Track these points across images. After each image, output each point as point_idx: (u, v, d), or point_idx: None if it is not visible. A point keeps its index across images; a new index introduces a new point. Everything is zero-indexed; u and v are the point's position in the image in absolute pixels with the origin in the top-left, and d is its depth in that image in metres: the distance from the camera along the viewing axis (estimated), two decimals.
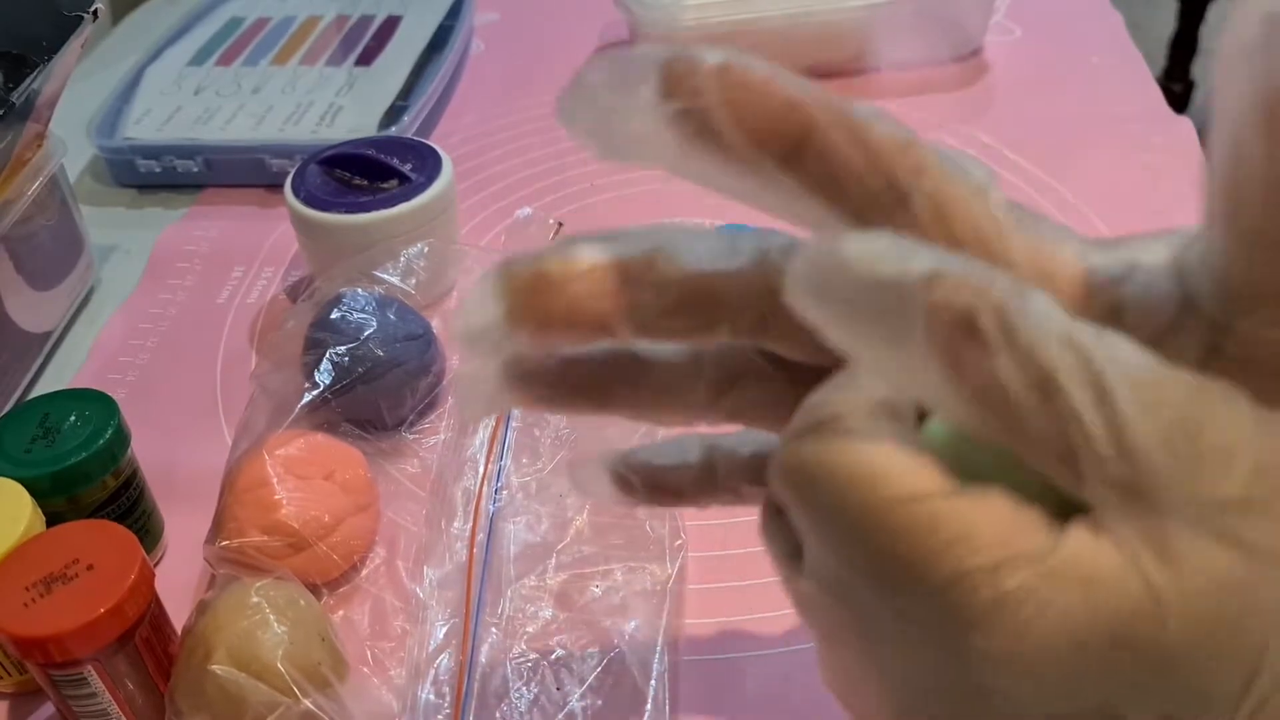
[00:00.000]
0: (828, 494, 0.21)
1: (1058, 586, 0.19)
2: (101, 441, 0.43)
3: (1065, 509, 0.20)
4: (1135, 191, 0.64)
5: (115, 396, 0.45)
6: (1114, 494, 0.19)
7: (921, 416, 0.23)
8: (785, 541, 0.24)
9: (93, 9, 0.54)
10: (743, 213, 0.52)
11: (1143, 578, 0.19)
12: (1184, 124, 0.69)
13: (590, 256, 0.26)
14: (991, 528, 0.20)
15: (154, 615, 0.39)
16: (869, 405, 0.22)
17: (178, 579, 0.45)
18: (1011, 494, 0.20)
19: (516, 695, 0.40)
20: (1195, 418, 0.19)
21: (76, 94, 0.61)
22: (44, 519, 0.42)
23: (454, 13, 0.82)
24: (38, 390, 0.57)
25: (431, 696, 0.40)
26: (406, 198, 0.56)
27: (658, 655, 0.41)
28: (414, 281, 0.55)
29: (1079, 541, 0.20)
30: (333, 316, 0.50)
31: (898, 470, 0.21)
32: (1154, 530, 0.19)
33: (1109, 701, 0.20)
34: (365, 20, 0.83)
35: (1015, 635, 0.20)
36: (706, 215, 0.65)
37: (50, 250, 0.59)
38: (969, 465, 0.21)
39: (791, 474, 0.22)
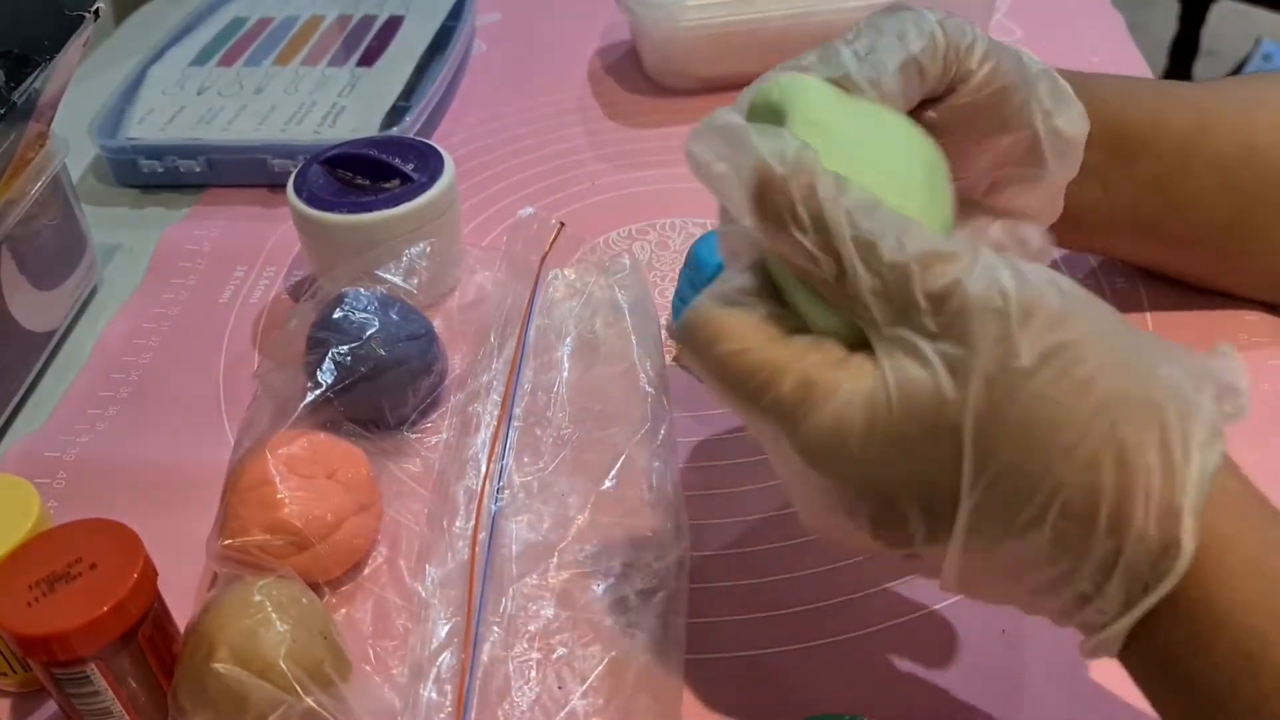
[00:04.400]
0: (694, 350, 0.33)
1: (848, 389, 0.30)
2: None
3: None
4: None
5: (118, 396, 0.44)
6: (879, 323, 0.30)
7: None
8: None
9: (94, 8, 0.54)
10: None
11: (882, 378, 0.30)
12: None
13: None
14: (792, 363, 0.31)
15: (157, 614, 0.39)
16: (737, 282, 0.33)
17: (181, 578, 0.45)
18: (813, 337, 0.32)
19: (518, 694, 0.41)
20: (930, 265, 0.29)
21: (79, 94, 0.61)
22: (51, 517, 0.42)
23: (456, 13, 0.82)
24: (40, 389, 0.57)
25: (433, 695, 0.41)
26: (409, 198, 0.56)
27: (659, 654, 0.41)
28: (416, 281, 0.55)
29: (860, 360, 0.31)
30: (335, 316, 0.50)
31: (733, 331, 0.32)
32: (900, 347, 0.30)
33: (915, 473, 0.30)
34: (367, 21, 0.83)
35: (819, 432, 0.30)
36: (708, 215, 0.65)
37: (53, 250, 0.59)
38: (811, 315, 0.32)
39: (677, 334, 0.33)
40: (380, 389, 0.49)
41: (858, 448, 0.30)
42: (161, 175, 0.71)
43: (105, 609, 0.36)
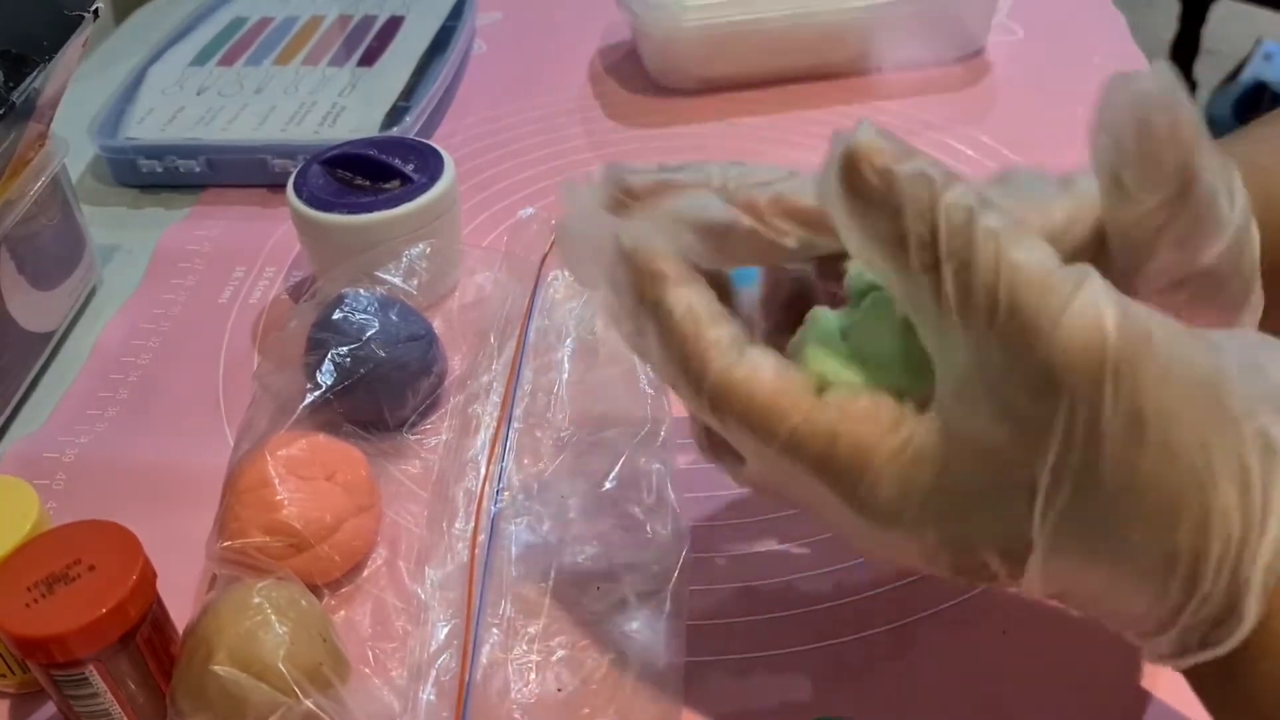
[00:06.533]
0: (738, 431, 0.31)
1: (914, 448, 0.29)
2: None
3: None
4: None
5: (117, 397, 0.44)
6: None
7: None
8: (726, 453, 0.33)
9: (93, 8, 0.54)
10: None
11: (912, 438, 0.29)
12: None
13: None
14: (842, 427, 0.29)
15: (156, 616, 0.39)
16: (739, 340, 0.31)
17: (180, 579, 0.45)
18: (848, 389, 0.30)
19: (518, 696, 0.40)
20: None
21: (78, 94, 0.61)
22: (50, 518, 0.42)
23: (456, 13, 0.82)
24: (39, 390, 0.57)
25: (433, 697, 0.40)
26: (408, 198, 0.56)
27: (659, 656, 0.41)
28: (416, 282, 0.55)
29: (915, 414, 0.29)
30: (335, 317, 0.50)
31: (772, 399, 0.30)
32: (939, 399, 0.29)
33: (988, 524, 0.29)
34: (368, 21, 0.83)
35: (877, 506, 0.29)
36: None
37: (52, 250, 0.59)
38: (862, 341, 0.31)
39: (713, 412, 0.31)
40: (380, 390, 0.49)
41: (929, 508, 0.29)
42: (161, 175, 0.70)
43: (104, 610, 0.36)
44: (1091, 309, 0.26)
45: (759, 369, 0.30)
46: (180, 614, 0.42)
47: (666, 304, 0.31)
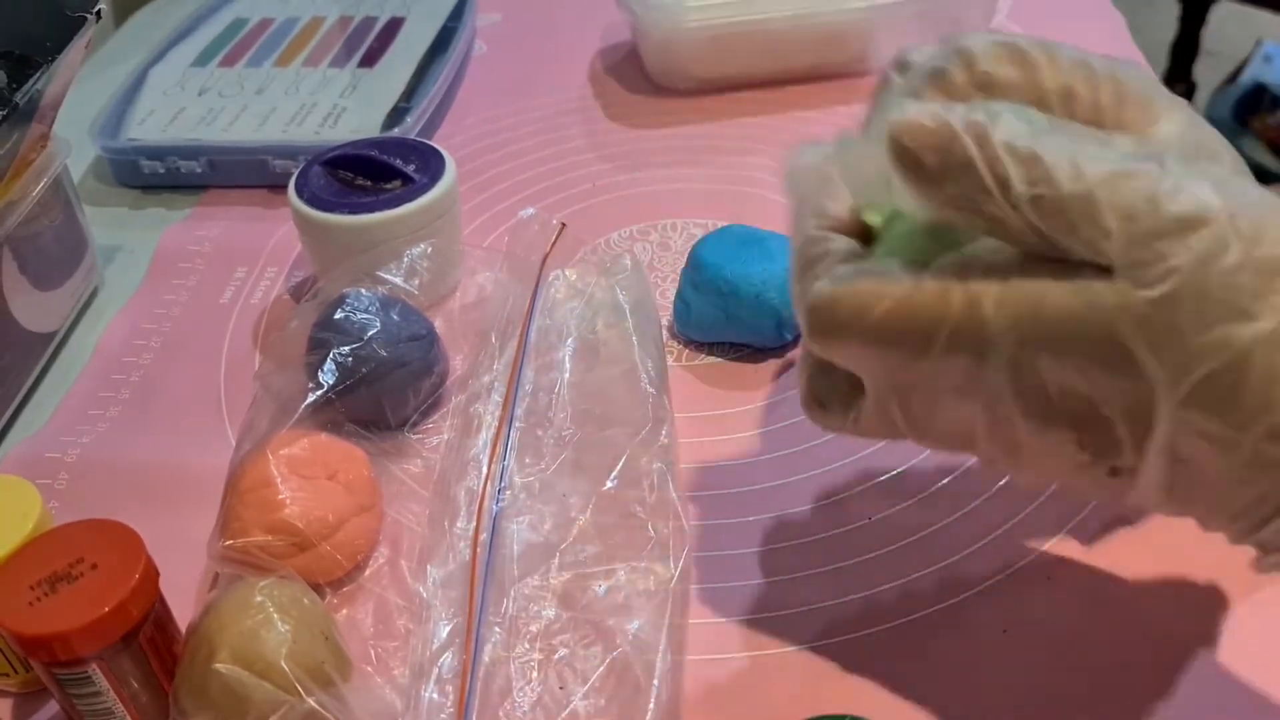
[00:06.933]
0: (841, 328, 0.32)
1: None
2: None
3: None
4: None
5: (119, 397, 0.44)
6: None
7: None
8: (833, 402, 0.35)
9: (96, 9, 0.54)
10: (739, 214, 0.51)
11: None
12: None
13: None
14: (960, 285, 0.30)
15: (158, 614, 0.39)
16: (842, 252, 0.33)
17: (182, 578, 0.45)
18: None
19: (519, 694, 0.41)
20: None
21: (80, 95, 0.61)
22: (53, 518, 0.42)
23: (456, 14, 0.83)
24: (41, 390, 0.57)
25: (435, 696, 0.41)
26: (410, 198, 0.56)
27: (661, 655, 0.41)
28: (417, 282, 0.55)
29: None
30: (336, 317, 0.50)
31: (884, 288, 0.31)
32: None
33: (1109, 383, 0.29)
34: (368, 22, 0.83)
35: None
36: (710, 215, 0.65)
37: (54, 251, 0.59)
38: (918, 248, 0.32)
39: (811, 323, 0.32)
40: (381, 390, 0.49)
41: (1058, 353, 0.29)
42: (162, 176, 0.71)
43: (107, 609, 0.36)
44: (1188, 184, 0.28)
45: (885, 274, 0.32)
46: (183, 613, 0.42)
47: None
